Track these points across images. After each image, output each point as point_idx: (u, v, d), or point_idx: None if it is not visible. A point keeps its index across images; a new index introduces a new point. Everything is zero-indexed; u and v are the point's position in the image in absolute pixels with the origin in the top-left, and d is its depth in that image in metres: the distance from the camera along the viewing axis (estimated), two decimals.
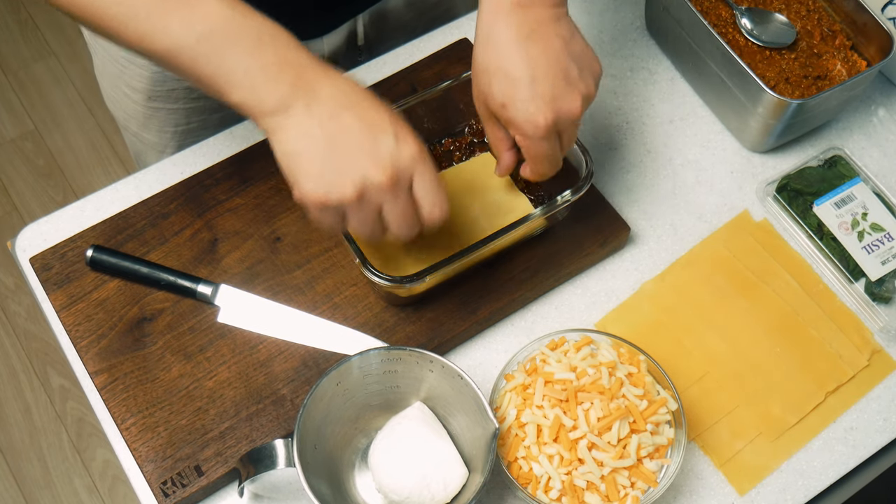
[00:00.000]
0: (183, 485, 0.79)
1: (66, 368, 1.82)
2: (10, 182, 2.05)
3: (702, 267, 0.93)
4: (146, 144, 1.10)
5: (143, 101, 1.04)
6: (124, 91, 1.05)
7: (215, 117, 1.07)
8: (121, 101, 1.07)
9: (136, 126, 1.09)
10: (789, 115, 0.92)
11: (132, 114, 1.07)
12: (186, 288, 0.86)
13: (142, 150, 1.12)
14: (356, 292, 0.87)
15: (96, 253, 0.86)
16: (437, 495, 0.76)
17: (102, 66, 1.06)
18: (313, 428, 0.75)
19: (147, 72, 1.00)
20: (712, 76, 0.97)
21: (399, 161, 0.70)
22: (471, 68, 0.79)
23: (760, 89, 0.90)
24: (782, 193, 0.95)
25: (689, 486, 0.84)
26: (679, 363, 0.88)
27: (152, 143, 1.09)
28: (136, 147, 1.13)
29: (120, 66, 1.02)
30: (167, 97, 1.03)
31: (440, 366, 0.76)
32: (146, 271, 0.86)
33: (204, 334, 0.85)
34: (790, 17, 1.00)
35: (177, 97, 1.03)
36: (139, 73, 1.01)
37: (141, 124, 1.08)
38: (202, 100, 1.04)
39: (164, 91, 1.02)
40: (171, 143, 1.08)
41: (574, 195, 0.84)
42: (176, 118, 1.06)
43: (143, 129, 1.08)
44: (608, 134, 1.00)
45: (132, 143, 1.13)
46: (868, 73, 0.94)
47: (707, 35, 0.94)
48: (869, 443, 0.86)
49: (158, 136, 1.08)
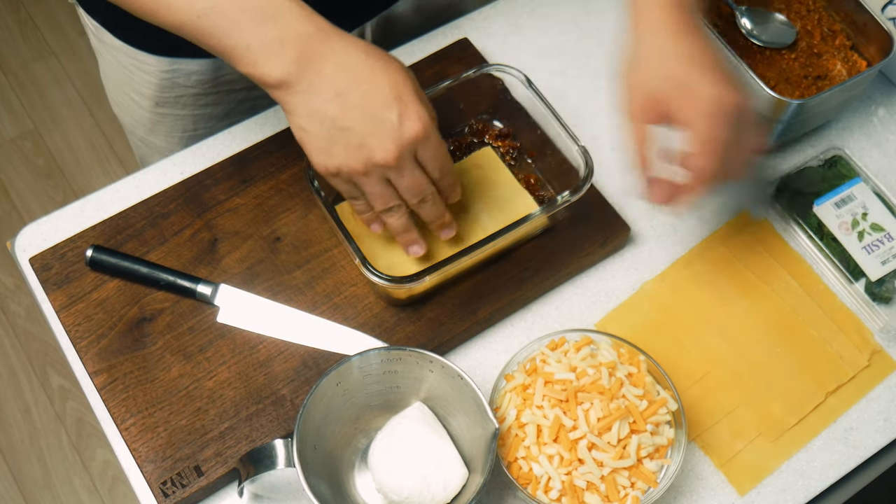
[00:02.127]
0: (183, 485, 0.79)
1: (66, 368, 1.82)
2: (9, 182, 2.05)
3: (702, 267, 0.93)
4: (152, 149, 1.10)
5: (151, 108, 1.04)
6: (131, 97, 1.05)
7: (223, 124, 1.06)
8: (128, 106, 1.07)
9: (143, 131, 1.08)
10: (789, 115, 0.92)
11: (139, 119, 1.07)
12: (186, 288, 0.85)
13: (148, 154, 1.12)
14: (356, 292, 0.87)
15: (96, 253, 0.86)
16: (437, 495, 0.76)
17: (109, 72, 1.06)
18: (313, 428, 0.75)
19: (155, 78, 1.00)
20: None
21: (402, 139, 0.72)
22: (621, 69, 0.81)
23: (760, 89, 0.90)
24: (782, 193, 0.95)
25: (689, 487, 0.84)
26: (679, 363, 0.88)
27: (159, 147, 1.09)
28: (142, 151, 1.13)
29: (127, 72, 1.02)
30: (174, 103, 1.03)
31: (440, 366, 0.76)
32: (146, 271, 0.86)
33: (204, 334, 0.85)
34: (790, 17, 1.00)
35: (184, 104, 1.03)
36: (147, 79, 1.01)
37: (148, 129, 1.08)
38: (210, 107, 1.04)
39: (171, 97, 1.02)
40: (177, 148, 1.08)
41: (574, 195, 0.84)
42: (183, 124, 1.06)
43: (149, 135, 1.08)
44: (608, 134, 1.00)
45: (138, 147, 1.13)
46: (868, 73, 0.94)
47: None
48: (869, 443, 0.86)
49: (165, 142, 1.08)
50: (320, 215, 0.91)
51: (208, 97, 1.03)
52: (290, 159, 0.93)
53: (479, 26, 1.05)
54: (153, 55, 0.97)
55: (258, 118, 0.98)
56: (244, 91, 1.03)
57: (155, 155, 1.10)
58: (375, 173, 0.74)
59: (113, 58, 1.02)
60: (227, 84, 1.02)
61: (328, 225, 0.90)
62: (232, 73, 1.00)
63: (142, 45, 0.97)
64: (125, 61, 1.01)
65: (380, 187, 0.75)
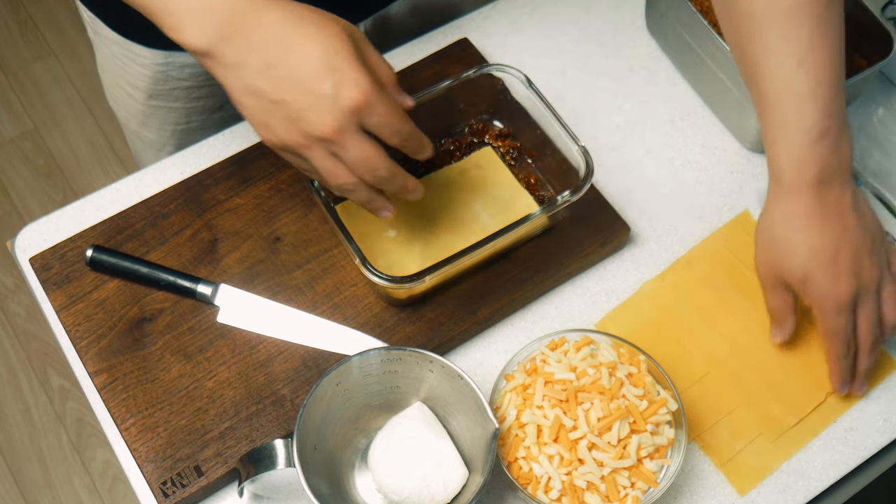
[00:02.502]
0: (183, 485, 0.79)
1: (66, 368, 1.82)
2: (9, 182, 2.05)
3: (702, 267, 0.93)
4: (145, 142, 1.10)
5: (144, 100, 1.04)
6: (126, 90, 1.05)
7: (215, 117, 1.07)
8: (122, 99, 1.07)
9: (136, 124, 1.09)
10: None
11: (132, 112, 1.07)
12: (186, 288, 0.86)
13: (141, 147, 1.12)
14: (356, 292, 0.87)
15: (96, 253, 0.86)
16: (437, 495, 0.76)
17: (105, 64, 1.06)
18: (313, 428, 0.75)
19: (149, 71, 1.00)
20: (712, 76, 0.97)
21: (339, 110, 0.68)
22: (755, 237, 0.84)
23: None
24: None
25: (690, 487, 0.84)
26: (679, 363, 0.88)
27: (151, 140, 1.09)
28: (136, 145, 1.13)
29: (122, 64, 1.02)
30: (167, 96, 1.03)
31: (440, 366, 0.76)
32: (146, 271, 0.86)
33: (204, 334, 0.85)
34: None
35: (177, 96, 1.03)
36: (141, 72, 1.01)
37: (140, 122, 1.08)
38: (203, 99, 1.04)
39: (164, 90, 1.02)
40: (169, 141, 1.08)
41: (574, 195, 0.84)
42: (176, 116, 1.06)
43: (142, 128, 1.08)
44: (608, 134, 1.00)
45: (132, 140, 1.13)
46: (867, 73, 0.94)
47: (707, 34, 0.94)
48: (869, 443, 0.86)
49: (158, 135, 1.08)
50: (320, 215, 0.91)
51: (201, 90, 1.03)
52: None
53: (479, 26, 1.05)
54: (148, 48, 0.97)
55: None
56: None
57: (148, 149, 1.11)
58: (318, 147, 0.70)
59: (109, 50, 1.03)
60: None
61: (328, 225, 0.90)
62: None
63: (136, 38, 0.97)
64: (120, 54, 1.01)
65: (329, 162, 0.71)
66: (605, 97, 1.02)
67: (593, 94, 1.02)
